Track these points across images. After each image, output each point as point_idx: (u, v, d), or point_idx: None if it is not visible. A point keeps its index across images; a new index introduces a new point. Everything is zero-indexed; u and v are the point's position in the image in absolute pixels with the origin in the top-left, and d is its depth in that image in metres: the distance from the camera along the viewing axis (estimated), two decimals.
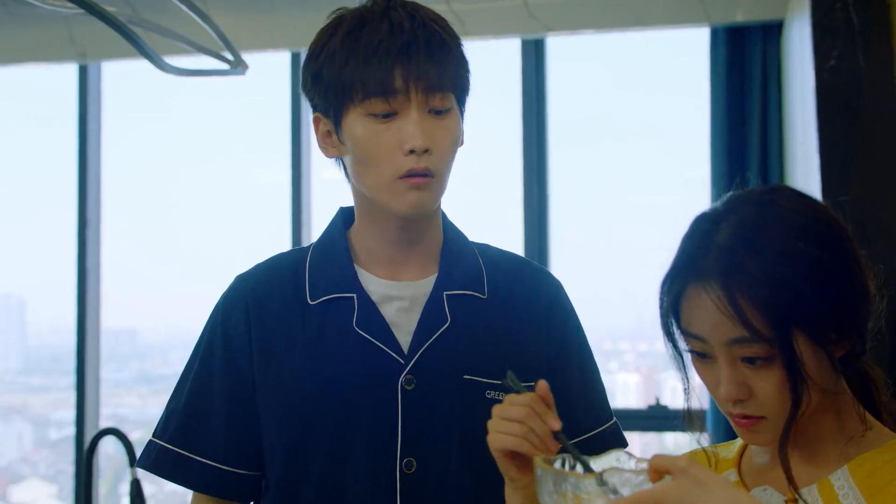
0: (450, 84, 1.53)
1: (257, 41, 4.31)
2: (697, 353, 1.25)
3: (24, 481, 5.65)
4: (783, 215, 1.21)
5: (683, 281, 1.23)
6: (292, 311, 1.61)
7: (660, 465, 1.06)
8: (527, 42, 4.31)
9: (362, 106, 1.50)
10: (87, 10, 2.31)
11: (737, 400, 1.22)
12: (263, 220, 4.84)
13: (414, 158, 1.50)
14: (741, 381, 1.21)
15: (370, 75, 1.48)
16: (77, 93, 4.61)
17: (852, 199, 2.80)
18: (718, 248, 1.20)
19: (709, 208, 1.28)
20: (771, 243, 1.19)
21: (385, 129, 1.50)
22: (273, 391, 1.59)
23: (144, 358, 5.89)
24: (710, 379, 1.25)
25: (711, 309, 1.19)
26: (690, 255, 1.23)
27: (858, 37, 2.82)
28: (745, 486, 1.33)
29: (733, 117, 3.99)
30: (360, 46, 1.49)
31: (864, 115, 2.85)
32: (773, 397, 1.20)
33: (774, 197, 1.25)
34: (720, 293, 1.18)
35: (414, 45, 1.49)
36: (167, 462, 1.63)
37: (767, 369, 1.19)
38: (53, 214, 4.70)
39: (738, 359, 1.20)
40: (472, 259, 1.67)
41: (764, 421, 1.22)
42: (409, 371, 1.56)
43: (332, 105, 1.54)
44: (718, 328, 1.19)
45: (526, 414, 1.27)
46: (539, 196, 4.30)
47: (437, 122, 1.52)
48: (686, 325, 1.24)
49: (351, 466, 1.56)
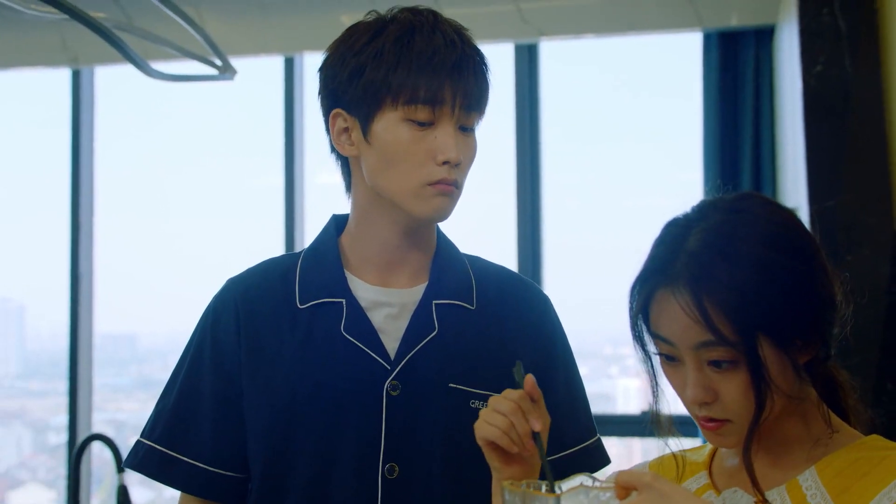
0: (483, 106, 1.59)
1: (251, 46, 4.31)
2: (665, 355, 1.27)
3: (23, 486, 5.65)
4: (752, 223, 1.24)
5: (653, 285, 1.25)
6: (281, 315, 1.62)
7: (625, 481, 1.10)
8: (520, 47, 4.31)
9: (404, 110, 1.53)
10: (72, 15, 2.31)
11: (703, 402, 1.24)
12: (259, 224, 4.84)
13: (447, 169, 1.53)
14: (707, 385, 1.23)
15: (421, 83, 1.52)
16: (70, 97, 4.62)
17: (839, 205, 2.80)
18: (688, 254, 1.23)
19: (680, 214, 1.30)
20: (739, 251, 1.21)
21: (421, 137, 1.53)
22: (260, 394, 1.60)
23: (144, 362, 5.90)
24: (677, 381, 1.27)
25: (679, 313, 1.21)
26: (661, 260, 1.26)
27: (846, 42, 2.82)
28: (716, 487, 1.34)
29: (726, 122, 3.99)
30: (413, 53, 1.53)
31: (852, 121, 2.85)
32: (737, 401, 1.22)
33: (744, 205, 1.27)
34: (688, 298, 1.20)
35: (465, 63, 1.54)
36: (154, 462, 1.64)
37: (733, 373, 1.21)
38: (51, 218, 4.70)
39: (705, 362, 1.23)
40: (462, 270, 1.68)
41: (729, 424, 1.24)
42: (395, 377, 1.57)
43: (366, 103, 1.56)
44: (686, 332, 1.21)
45: (512, 409, 1.32)
46: (532, 201, 4.29)
47: (465, 139, 1.57)
48: (655, 328, 1.26)
49: (334, 470, 1.57)
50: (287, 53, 4.39)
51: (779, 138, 3.78)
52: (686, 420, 1.30)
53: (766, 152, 3.90)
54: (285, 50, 4.36)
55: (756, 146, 3.93)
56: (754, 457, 1.26)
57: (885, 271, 2.68)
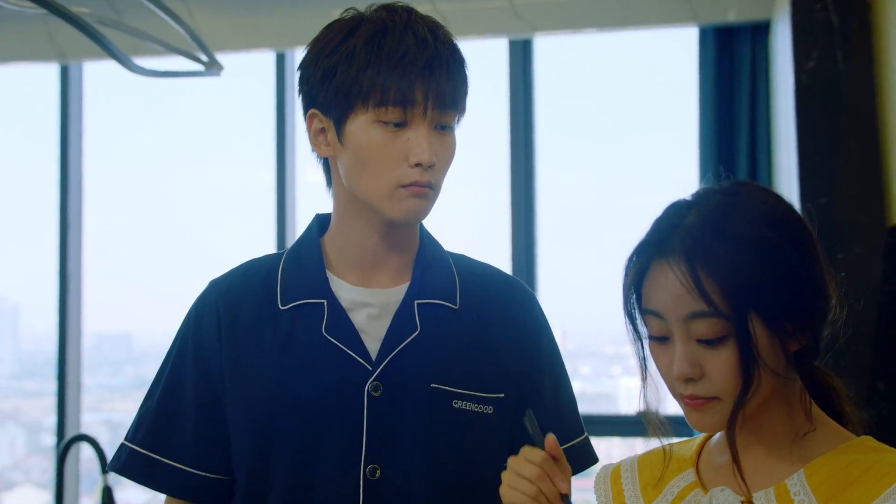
0: (459, 103, 1.57)
1: (241, 42, 4.29)
2: (655, 337, 1.28)
3: (17, 488, 5.63)
4: (751, 204, 1.26)
5: (649, 257, 1.27)
6: (263, 316, 1.61)
7: None
8: (514, 42, 4.28)
9: (375, 111, 1.52)
10: (52, 10, 2.29)
11: (688, 378, 1.24)
12: (251, 222, 4.82)
13: (419, 171, 1.52)
14: (694, 360, 1.24)
15: (391, 84, 1.50)
16: (59, 93, 4.59)
17: (831, 204, 2.78)
18: (686, 229, 1.25)
19: (681, 198, 1.32)
20: (737, 228, 1.23)
21: (393, 138, 1.52)
22: (242, 396, 1.60)
23: (139, 363, 5.89)
24: (664, 361, 1.28)
25: (673, 282, 1.23)
26: (659, 233, 1.28)
27: (838, 38, 2.80)
28: (703, 485, 1.35)
29: (722, 118, 3.97)
30: (383, 53, 1.51)
31: (844, 118, 2.82)
32: (724, 376, 1.23)
33: (743, 189, 1.30)
34: (683, 267, 1.22)
35: (437, 62, 1.52)
36: (137, 465, 1.64)
37: (722, 348, 1.22)
38: (44, 216, 4.67)
39: (694, 338, 1.23)
40: (446, 269, 1.68)
41: (714, 401, 1.25)
42: (377, 378, 1.56)
43: (338, 104, 1.55)
44: (677, 302, 1.23)
45: (538, 475, 1.35)
46: (527, 198, 4.27)
47: (441, 139, 1.55)
48: (646, 302, 1.28)
49: (316, 472, 1.56)
50: (278, 49, 4.37)
51: (774, 135, 3.76)
52: (680, 420, 1.30)
53: (763, 149, 3.88)
54: (276, 45, 4.34)
55: (752, 142, 3.91)
56: (740, 454, 1.27)
57: (878, 270, 2.66)
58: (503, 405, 1.62)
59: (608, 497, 1.45)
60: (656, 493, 1.38)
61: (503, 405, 1.62)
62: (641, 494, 1.40)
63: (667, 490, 1.37)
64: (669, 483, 1.38)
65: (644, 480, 1.42)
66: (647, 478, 1.42)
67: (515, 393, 1.64)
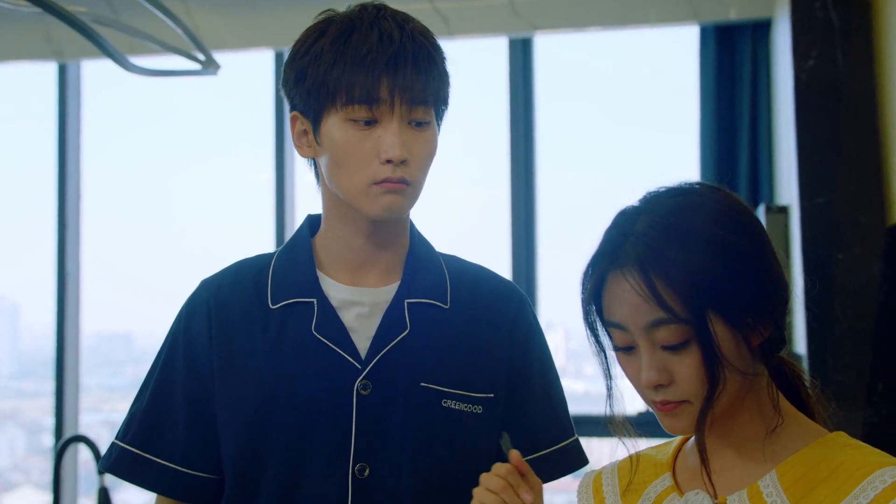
0: (432, 98, 1.56)
1: (240, 40, 4.28)
2: (621, 348, 1.28)
3: (17, 489, 5.62)
4: (700, 205, 1.26)
5: (603, 269, 1.27)
6: (253, 316, 1.62)
7: None
8: (514, 41, 4.27)
9: (344, 111, 1.52)
10: (46, 8, 2.28)
11: (657, 385, 1.24)
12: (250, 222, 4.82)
13: (390, 168, 1.52)
14: (661, 367, 1.23)
15: (356, 82, 1.51)
16: (57, 92, 4.58)
17: (830, 203, 2.76)
18: (637, 235, 1.24)
19: (629, 204, 1.32)
20: (687, 229, 1.23)
21: (365, 136, 1.53)
22: (231, 395, 1.60)
23: (140, 362, 5.88)
24: (632, 370, 1.28)
25: (630, 293, 1.23)
26: (610, 244, 1.27)
27: (838, 36, 2.78)
28: (679, 489, 1.35)
29: (723, 116, 3.97)
30: (348, 52, 1.52)
31: (844, 117, 2.81)
32: (691, 380, 1.22)
33: (691, 188, 1.30)
34: (637, 277, 1.22)
35: (402, 57, 1.52)
36: (126, 463, 1.65)
37: (686, 353, 1.22)
38: (44, 216, 4.67)
39: (658, 345, 1.23)
40: (436, 269, 1.68)
41: (685, 405, 1.25)
42: (366, 376, 1.57)
43: (312, 106, 1.56)
44: (636, 312, 1.23)
45: (502, 486, 1.35)
46: (527, 197, 4.26)
47: (416, 134, 1.55)
48: (608, 315, 1.27)
49: (305, 471, 1.57)
50: (277, 48, 4.36)
51: (775, 133, 3.75)
52: (652, 420, 1.29)
53: (763, 148, 3.87)
54: (275, 44, 4.33)
55: (753, 141, 3.90)
56: (711, 455, 1.28)
57: (877, 269, 2.64)
58: (492, 405, 1.62)
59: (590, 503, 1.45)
60: (636, 498, 1.39)
61: (492, 405, 1.62)
62: (621, 500, 1.41)
63: (644, 495, 1.38)
64: (647, 487, 1.39)
65: (623, 485, 1.42)
66: (626, 483, 1.42)
67: (505, 393, 1.64)
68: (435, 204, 1.70)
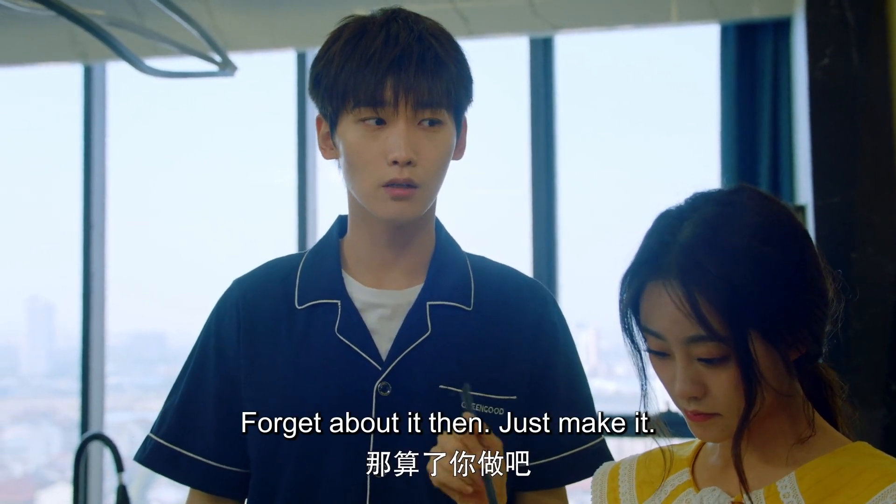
0: (442, 99, 1.55)
1: (262, 41, 4.30)
2: (656, 352, 1.27)
3: (52, 486, 5.68)
4: (745, 216, 1.23)
5: (644, 277, 1.24)
6: (280, 316, 1.64)
7: None
8: (535, 41, 4.26)
9: (353, 113, 1.54)
10: (60, 12, 2.32)
11: (691, 397, 1.23)
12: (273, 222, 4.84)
13: (397, 169, 1.52)
14: (696, 379, 1.22)
15: (361, 84, 1.52)
16: (82, 94, 4.62)
17: (844, 203, 2.74)
18: (680, 246, 1.22)
19: (673, 206, 1.29)
20: (731, 244, 1.20)
21: (374, 138, 1.54)
22: (256, 392, 1.62)
23: (172, 362, 5.92)
24: (666, 376, 1.27)
25: (670, 306, 1.20)
26: (652, 252, 1.25)
27: (853, 35, 2.76)
28: (696, 485, 1.34)
29: (743, 115, 3.94)
30: (355, 55, 1.53)
31: (859, 116, 2.78)
32: (727, 395, 1.21)
33: (737, 197, 1.27)
34: (679, 292, 1.19)
35: (406, 59, 1.52)
36: (160, 457, 1.68)
37: (723, 368, 1.21)
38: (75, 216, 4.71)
39: (695, 357, 1.22)
40: (461, 270, 1.68)
41: (716, 417, 1.24)
42: (385, 378, 1.58)
43: (328, 109, 1.58)
44: (676, 326, 1.21)
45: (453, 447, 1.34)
46: (548, 196, 4.26)
47: (427, 135, 1.55)
48: (645, 322, 1.26)
49: (323, 470, 1.58)
50: (299, 48, 4.38)
51: (795, 132, 3.71)
52: (679, 420, 1.30)
53: (784, 146, 3.84)
54: (297, 44, 4.35)
55: (774, 140, 3.87)
56: None
57: (891, 269, 2.62)
58: (514, 407, 1.60)
59: (603, 494, 1.45)
60: (651, 490, 1.39)
61: (514, 407, 1.60)
62: (636, 491, 1.41)
63: (661, 488, 1.38)
64: (664, 481, 1.38)
65: (640, 478, 1.42)
66: (644, 475, 1.42)
67: (528, 395, 1.63)
68: (456, 203, 1.70)
